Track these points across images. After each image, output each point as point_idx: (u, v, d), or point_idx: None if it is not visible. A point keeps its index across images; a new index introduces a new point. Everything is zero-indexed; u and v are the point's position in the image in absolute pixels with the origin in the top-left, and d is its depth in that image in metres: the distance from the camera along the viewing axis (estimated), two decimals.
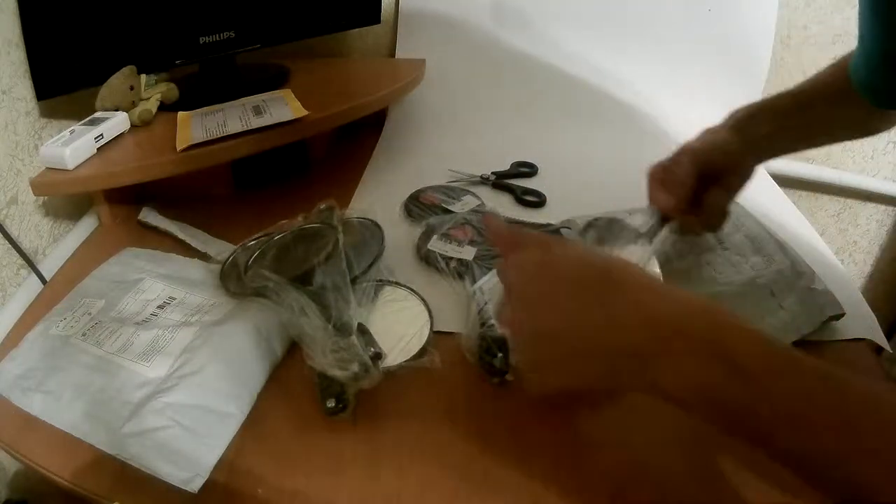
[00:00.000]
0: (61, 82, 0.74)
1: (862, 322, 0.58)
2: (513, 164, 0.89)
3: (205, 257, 0.68)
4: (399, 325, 0.58)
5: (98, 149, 0.72)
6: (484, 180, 0.86)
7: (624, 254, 0.65)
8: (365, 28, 1.00)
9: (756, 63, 0.99)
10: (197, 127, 0.74)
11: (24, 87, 0.72)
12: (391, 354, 0.54)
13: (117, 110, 0.76)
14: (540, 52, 1.01)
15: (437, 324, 0.58)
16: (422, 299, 0.61)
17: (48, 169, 0.70)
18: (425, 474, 0.46)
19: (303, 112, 0.74)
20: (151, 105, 0.79)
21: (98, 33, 0.76)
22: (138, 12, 0.78)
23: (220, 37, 0.85)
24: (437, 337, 0.57)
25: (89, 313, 0.59)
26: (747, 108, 0.58)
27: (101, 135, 0.72)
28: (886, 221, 1.17)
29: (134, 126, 0.78)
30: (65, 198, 0.79)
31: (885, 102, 0.52)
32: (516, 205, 0.81)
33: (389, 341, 0.55)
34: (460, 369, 0.54)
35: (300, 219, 0.66)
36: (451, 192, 0.81)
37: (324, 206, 0.66)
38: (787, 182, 1.07)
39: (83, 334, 0.57)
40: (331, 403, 0.49)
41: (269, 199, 0.82)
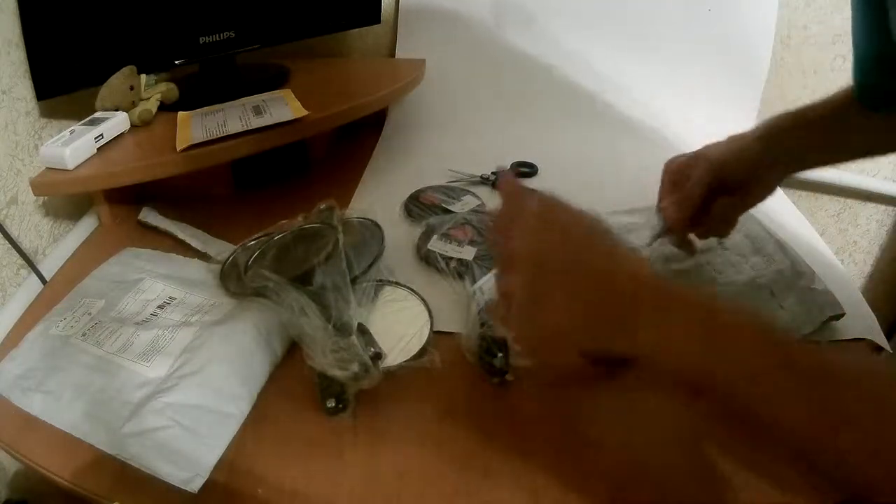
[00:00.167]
0: (61, 82, 0.74)
1: (862, 322, 0.58)
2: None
3: (205, 257, 0.68)
4: (399, 325, 0.58)
5: (98, 149, 0.72)
6: (484, 180, 0.86)
7: None
8: (365, 28, 1.00)
9: (756, 63, 0.98)
10: (197, 127, 0.74)
11: (24, 87, 0.72)
12: (391, 354, 0.54)
13: (117, 110, 0.76)
14: (540, 52, 1.01)
15: (437, 324, 0.58)
16: (422, 299, 0.61)
17: (48, 169, 0.70)
18: (425, 474, 0.46)
19: (303, 112, 0.74)
20: (151, 105, 0.79)
21: (98, 33, 0.76)
22: (138, 12, 0.78)
23: (220, 37, 0.85)
24: (437, 337, 0.57)
25: (89, 313, 0.59)
26: (777, 118, 0.55)
27: (101, 135, 0.72)
28: (886, 221, 1.17)
29: (134, 126, 0.78)
30: (65, 198, 0.79)
31: (880, 105, 0.51)
32: None
33: (389, 341, 0.55)
34: (460, 369, 0.54)
35: (300, 219, 0.66)
36: (451, 192, 0.81)
37: (324, 206, 0.66)
38: (787, 182, 1.07)
39: (83, 334, 0.57)
40: (331, 403, 0.49)
41: (269, 199, 0.82)
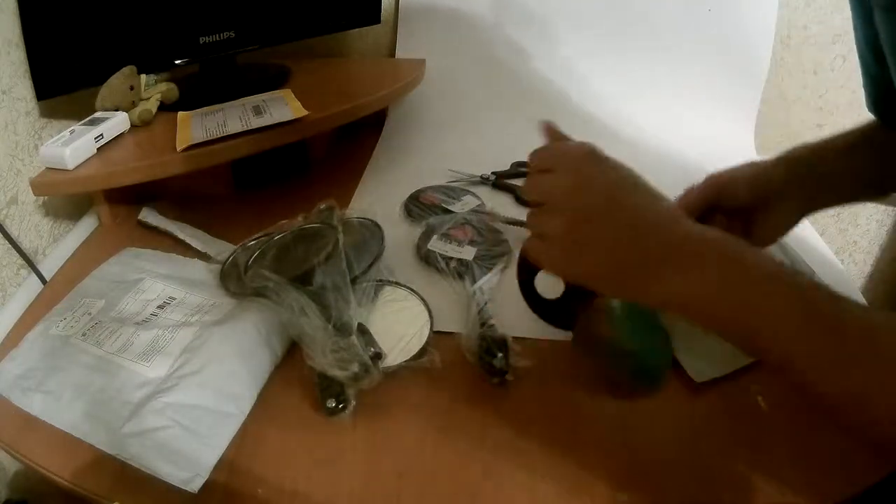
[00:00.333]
0: (61, 82, 0.74)
1: None
2: (513, 164, 0.89)
3: (205, 257, 0.68)
4: (399, 325, 0.58)
5: (98, 149, 0.72)
6: (484, 180, 0.86)
7: None
8: (365, 28, 1.00)
9: (756, 63, 0.99)
10: (197, 127, 0.74)
11: (24, 87, 0.72)
12: (391, 354, 0.54)
13: (117, 110, 0.76)
14: (540, 52, 1.01)
15: (437, 324, 0.58)
16: (422, 299, 0.61)
17: (48, 169, 0.70)
18: (425, 474, 0.46)
19: (303, 112, 0.74)
20: (151, 105, 0.79)
21: (98, 33, 0.76)
22: (138, 12, 0.78)
23: (220, 37, 0.85)
24: (437, 337, 0.57)
25: (89, 313, 0.59)
26: (797, 146, 0.53)
27: (101, 135, 0.72)
28: (886, 221, 1.17)
29: (134, 126, 0.78)
30: (65, 198, 0.79)
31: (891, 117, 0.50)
32: (516, 205, 0.81)
33: (389, 341, 0.55)
34: (460, 369, 0.54)
35: (300, 219, 0.66)
36: (451, 192, 0.81)
37: (324, 206, 0.66)
38: None
39: (83, 334, 0.57)
40: (331, 403, 0.49)
41: (269, 199, 0.82)
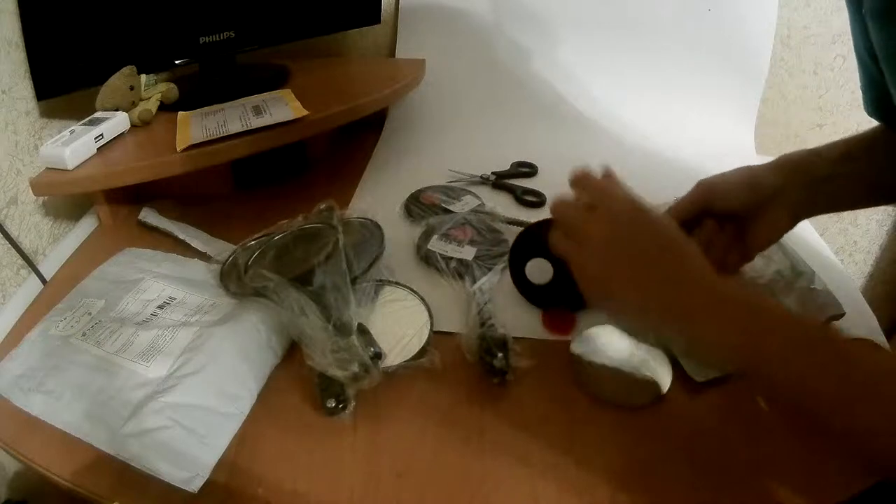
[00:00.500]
0: (61, 82, 0.74)
1: (862, 322, 0.58)
2: (513, 164, 0.89)
3: (205, 257, 0.68)
4: (399, 325, 0.58)
5: (98, 149, 0.72)
6: (484, 180, 0.86)
7: None
8: (365, 28, 1.00)
9: (756, 63, 0.98)
10: (197, 127, 0.74)
11: (24, 87, 0.72)
12: (391, 354, 0.54)
13: (117, 110, 0.76)
14: (540, 52, 1.01)
15: (437, 324, 0.58)
16: (422, 299, 0.61)
17: (48, 169, 0.70)
18: (425, 474, 0.46)
19: (303, 112, 0.74)
20: (151, 105, 0.79)
21: (98, 33, 0.76)
22: (138, 12, 0.78)
23: (220, 37, 0.85)
24: (437, 337, 0.57)
25: (89, 313, 0.59)
26: (798, 152, 0.53)
27: (101, 135, 0.72)
28: (886, 221, 1.17)
29: (134, 126, 0.78)
30: (65, 198, 0.79)
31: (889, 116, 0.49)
32: (516, 205, 0.81)
33: (389, 341, 0.55)
34: (460, 369, 0.54)
35: (300, 219, 0.66)
36: (451, 192, 0.81)
37: (324, 206, 0.66)
38: None
39: (83, 334, 0.57)
40: (331, 403, 0.49)
41: (269, 199, 0.82)
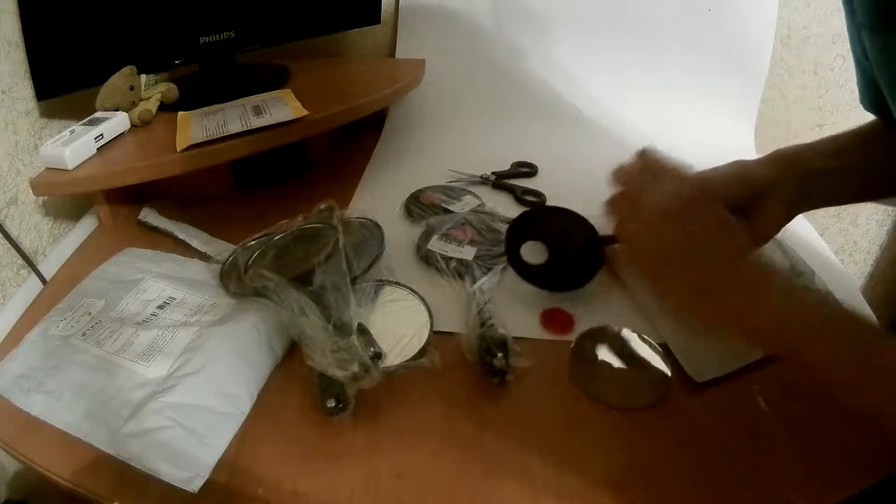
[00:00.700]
0: (61, 82, 0.74)
1: None
2: (513, 164, 0.89)
3: (205, 257, 0.68)
4: (399, 325, 0.58)
5: (98, 149, 0.72)
6: (484, 180, 0.86)
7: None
8: (365, 28, 1.00)
9: (756, 63, 0.99)
10: (197, 127, 0.74)
11: (24, 87, 0.72)
12: (391, 354, 0.54)
13: (117, 110, 0.76)
14: (540, 52, 1.01)
15: (437, 324, 0.58)
16: (422, 299, 0.61)
17: (48, 169, 0.70)
18: (425, 474, 0.46)
19: (303, 112, 0.74)
20: (151, 105, 0.79)
21: (98, 33, 0.76)
22: (138, 12, 0.78)
23: (220, 37, 0.85)
24: (437, 337, 0.57)
25: (89, 313, 0.59)
26: (792, 147, 0.53)
27: (101, 135, 0.72)
28: (886, 221, 1.17)
29: (134, 126, 0.78)
30: (65, 198, 0.79)
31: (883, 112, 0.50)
32: (516, 205, 0.81)
33: (389, 341, 0.55)
34: (460, 369, 0.54)
35: (300, 219, 0.66)
36: (451, 192, 0.81)
37: (324, 206, 0.66)
38: None
39: (83, 334, 0.57)
40: (331, 403, 0.49)
41: (269, 199, 0.82)
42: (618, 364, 0.54)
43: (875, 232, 1.18)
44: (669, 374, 0.53)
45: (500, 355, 0.52)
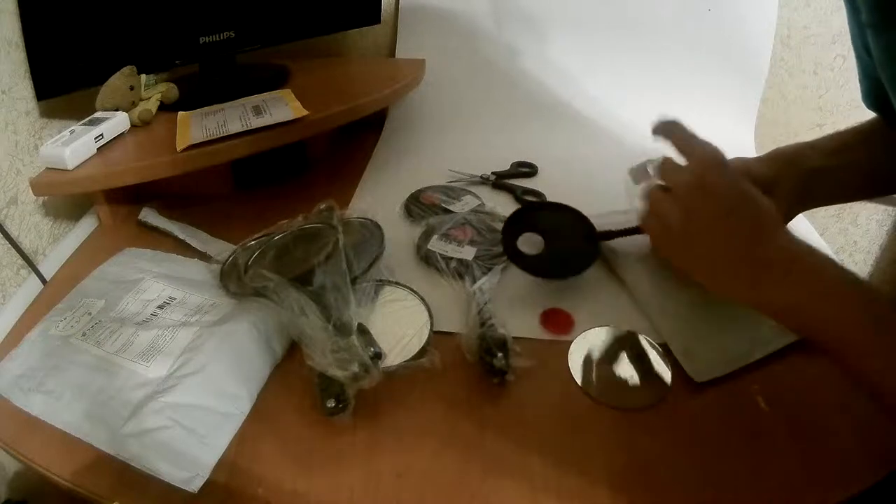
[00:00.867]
0: (61, 82, 0.74)
1: None
2: (513, 164, 0.89)
3: (205, 257, 0.68)
4: (399, 325, 0.58)
5: (98, 149, 0.72)
6: (484, 180, 0.86)
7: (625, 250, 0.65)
8: (365, 28, 1.00)
9: (756, 63, 0.98)
10: (197, 127, 0.74)
11: (24, 87, 0.72)
12: (391, 354, 0.54)
13: (117, 110, 0.76)
14: (540, 52, 1.01)
15: (437, 324, 0.58)
16: (422, 299, 0.61)
17: (48, 169, 0.70)
18: (425, 474, 0.46)
19: (303, 112, 0.74)
20: (151, 105, 0.79)
21: (98, 33, 0.76)
22: (138, 12, 0.78)
23: (220, 37, 0.85)
24: (437, 337, 0.57)
25: (89, 313, 0.59)
26: (792, 145, 0.54)
27: (101, 135, 0.72)
28: (886, 221, 1.17)
29: (134, 126, 0.78)
30: (65, 198, 0.79)
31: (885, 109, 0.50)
32: (516, 205, 0.81)
33: (389, 341, 0.55)
34: (460, 369, 0.54)
35: (300, 219, 0.66)
36: (451, 192, 0.81)
37: (324, 206, 0.66)
38: None
39: (83, 334, 0.57)
40: (331, 403, 0.49)
41: (269, 199, 0.82)
42: (618, 364, 0.54)
43: (875, 232, 1.18)
44: (669, 374, 0.53)
45: (500, 355, 0.52)
